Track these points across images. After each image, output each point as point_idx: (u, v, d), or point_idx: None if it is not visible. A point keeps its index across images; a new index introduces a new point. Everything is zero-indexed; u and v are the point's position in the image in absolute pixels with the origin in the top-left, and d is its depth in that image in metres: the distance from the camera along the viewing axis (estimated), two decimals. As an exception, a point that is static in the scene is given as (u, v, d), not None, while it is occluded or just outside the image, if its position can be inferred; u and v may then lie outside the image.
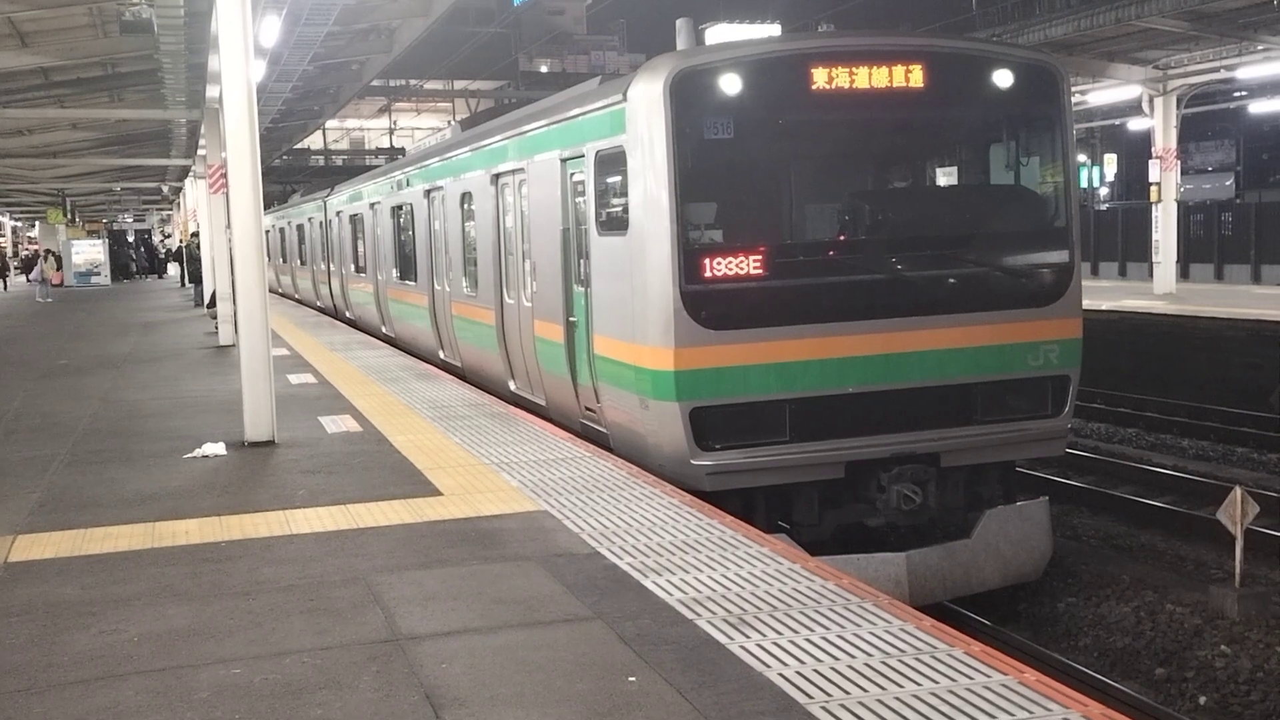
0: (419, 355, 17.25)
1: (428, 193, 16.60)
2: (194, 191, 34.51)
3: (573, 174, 10.59)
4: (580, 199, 10.42)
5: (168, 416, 11.86)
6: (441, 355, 16.34)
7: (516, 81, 56.80)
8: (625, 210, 9.36)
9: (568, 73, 53.43)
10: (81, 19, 17.50)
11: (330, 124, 52.92)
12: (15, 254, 62.52)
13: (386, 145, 64.39)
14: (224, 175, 16.11)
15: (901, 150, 10.23)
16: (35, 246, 60.39)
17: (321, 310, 28.90)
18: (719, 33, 24.43)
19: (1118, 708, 4.70)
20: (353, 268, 24.02)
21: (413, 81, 56.37)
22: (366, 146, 68.33)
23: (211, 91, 18.34)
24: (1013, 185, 10.23)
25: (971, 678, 4.57)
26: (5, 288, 51.83)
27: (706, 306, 8.79)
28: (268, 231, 39.31)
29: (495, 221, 13.04)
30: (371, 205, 21.35)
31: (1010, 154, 10.20)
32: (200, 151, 26.26)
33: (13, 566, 6.62)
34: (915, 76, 9.21)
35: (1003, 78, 9.50)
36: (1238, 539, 9.46)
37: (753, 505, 8.96)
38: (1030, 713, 4.23)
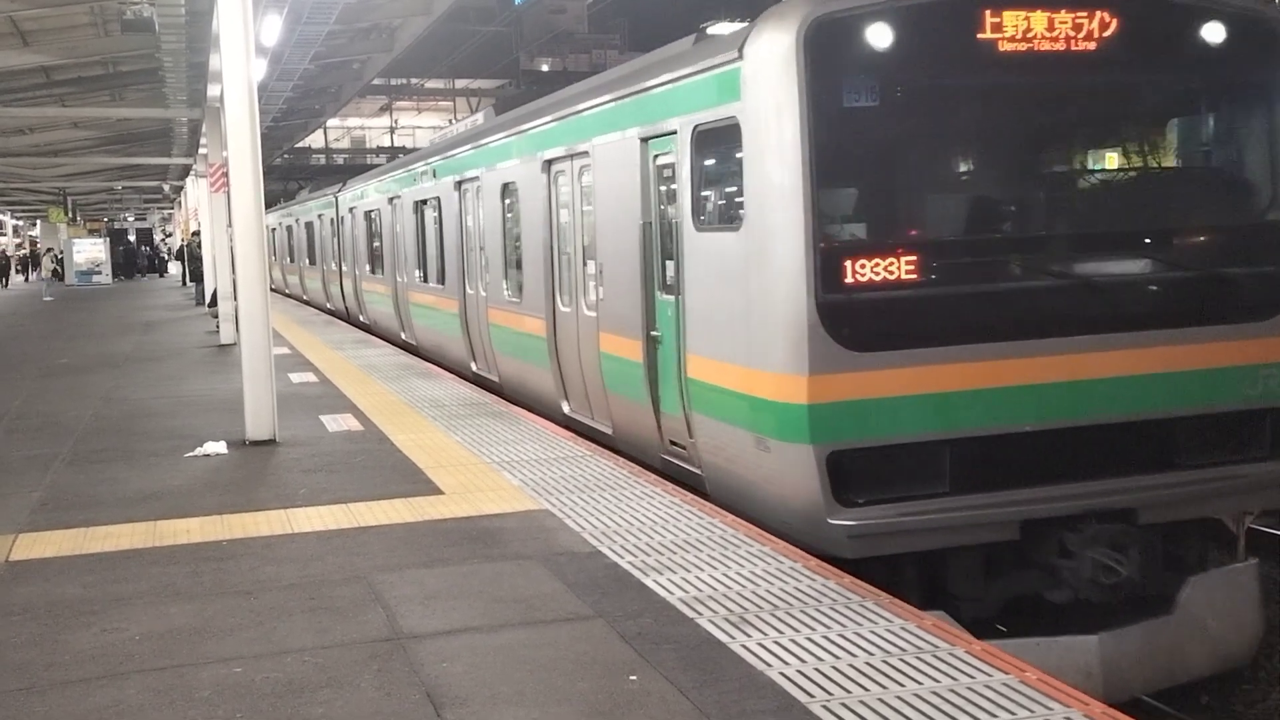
0: (446, 366, 15.65)
1: (459, 184, 14.84)
2: (195, 190, 34.59)
3: (657, 156, 8.80)
4: (668, 187, 8.70)
5: (169, 415, 11.87)
6: (474, 368, 14.62)
7: (518, 80, 56.83)
8: (737, 199, 7.58)
9: (569, 71, 53.41)
10: (83, 18, 17.55)
11: (331, 123, 53.00)
12: (28, 251, 62.60)
13: (388, 144, 64.44)
14: (225, 174, 16.14)
15: (1093, 123, 8.10)
16: (35, 245, 60.55)
17: (332, 313, 27.13)
18: (719, 31, 24.36)
19: (1119, 706, 4.69)
20: (368, 268, 22.20)
21: (414, 80, 56.47)
22: (368, 145, 68.40)
23: (213, 90, 18.37)
24: (1231, 168, 8.29)
25: (973, 676, 4.57)
26: (5, 285, 51.90)
27: (850, 321, 6.96)
28: (274, 230, 38.31)
29: (547, 216, 11.25)
30: (390, 200, 19.55)
31: (1227, 129, 8.22)
32: (201, 150, 26.30)
33: (14, 565, 6.62)
34: (1112, 29, 7.31)
35: (1216, 32, 7.55)
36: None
37: (900, 572, 7.11)
38: (1032, 711, 4.23)
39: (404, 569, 6.27)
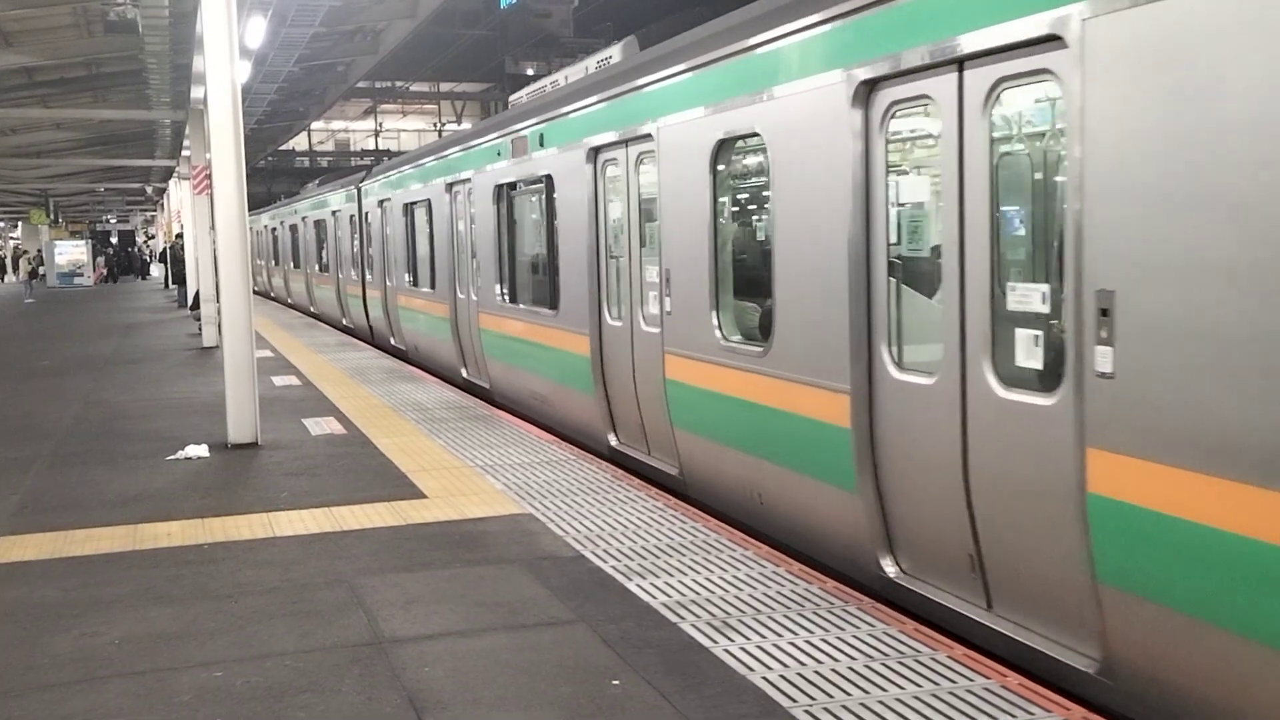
0: (553, 427, 11.24)
1: (594, 154, 9.72)
2: (178, 192, 34.46)
3: None
4: None
5: (150, 418, 11.82)
6: (615, 441, 9.75)
7: (503, 84, 56.85)
8: None
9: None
10: (66, 19, 17.47)
11: (315, 125, 52.99)
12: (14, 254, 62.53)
13: (372, 147, 64.37)
14: (208, 176, 16.11)
15: None
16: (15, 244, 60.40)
17: (349, 332, 22.68)
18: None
19: (1100, 712, 4.70)
20: (408, 278, 17.25)
21: (399, 83, 56.44)
22: (352, 148, 68.34)
23: (196, 92, 18.33)
24: None
25: (955, 681, 4.58)
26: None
27: None
28: (273, 230, 35.06)
29: (860, 193, 6.01)
30: (450, 186, 14.54)
31: None
32: (184, 152, 26.24)
33: (-7, 568, 6.58)
34: None
35: None
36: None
37: None
38: (1013, 716, 4.24)
39: (386, 573, 6.25)
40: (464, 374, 14.40)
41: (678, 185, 8.12)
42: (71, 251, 51.15)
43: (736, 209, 7.95)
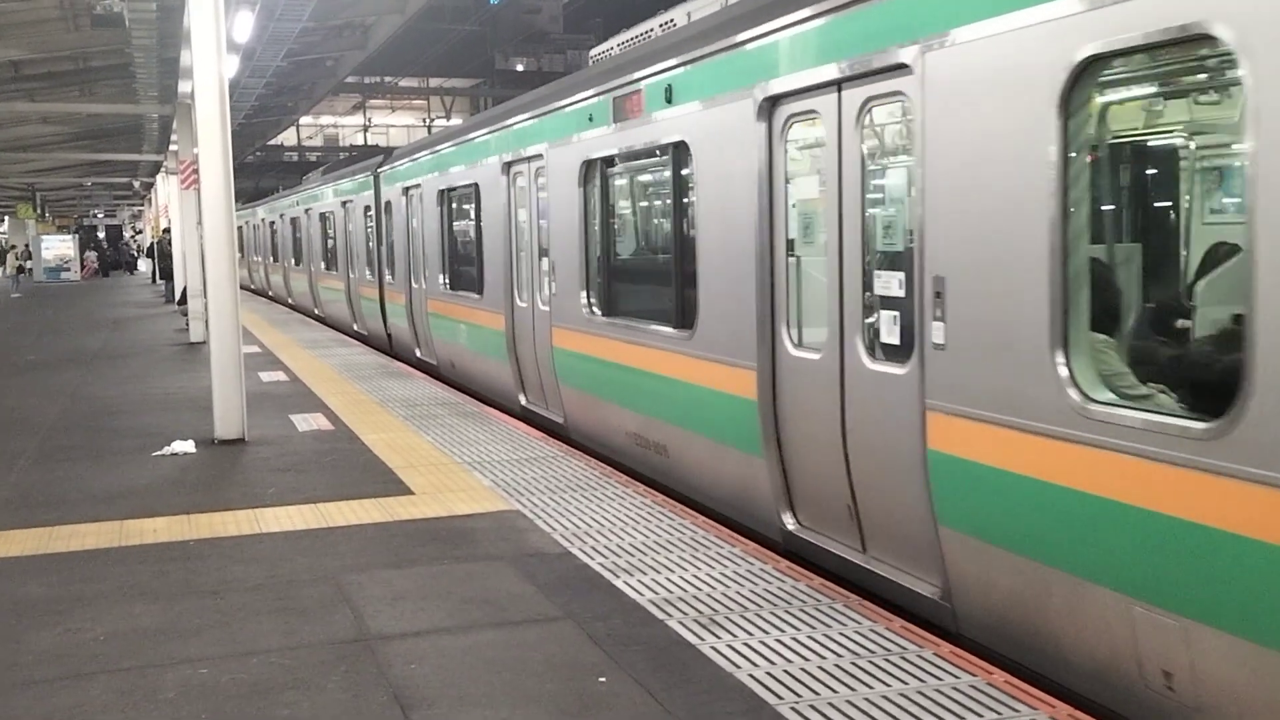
0: (672, 486, 8.33)
1: (773, 105, 6.71)
2: (165, 187, 34.36)
3: None
4: None
5: (137, 413, 11.77)
6: (792, 524, 6.87)
7: (492, 80, 56.75)
8: None
9: (544, 71, 53.41)
10: (53, 12, 17.38)
11: (304, 120, 52.86)
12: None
13: (361, 142, 64.25)
14: (196, 171, 16.01)
15: None
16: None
17: (363, 340, 19.91)
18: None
19: (1085, 709, 4.71)
20: (442, 280, 14.55)
21: (387, 79, 56.33)
22: (341, 143, 68.26)
23: (184, 86, 18.28)
24: None
25: (940, 679, 4.58)
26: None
27: None
28: (272, 224, 32.92)
29: None
30: (508, 166, 11.67)
31: None
32: (172, 147, 26.14)
33: (-23, 564, 6.55)
34: None
35: None
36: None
37: None
38: (998, 714, 4.25)
39: (373, 569, 6.24)
40: (523, 401, 11.63)
41: (973, 144, 5.02)
42: (58, 246, 51.03)
43: (1114, 182, 5.19)
